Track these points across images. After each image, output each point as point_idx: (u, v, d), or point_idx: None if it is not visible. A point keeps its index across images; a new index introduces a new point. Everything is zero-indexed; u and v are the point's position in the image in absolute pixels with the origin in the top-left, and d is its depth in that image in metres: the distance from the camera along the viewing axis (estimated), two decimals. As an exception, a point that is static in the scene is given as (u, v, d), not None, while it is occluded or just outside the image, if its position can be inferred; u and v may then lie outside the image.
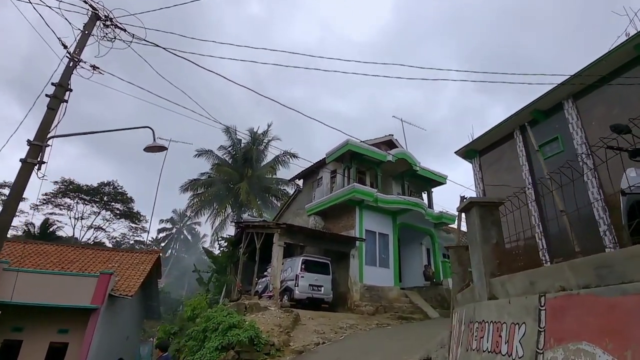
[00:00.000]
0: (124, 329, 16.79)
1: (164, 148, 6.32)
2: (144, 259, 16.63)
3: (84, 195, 48.09)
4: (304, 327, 11.39)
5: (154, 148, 6.30)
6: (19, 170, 5.52)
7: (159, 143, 6.29)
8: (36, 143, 5.68)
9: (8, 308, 11.83)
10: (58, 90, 6.03)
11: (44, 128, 5.84)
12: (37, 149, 5.69)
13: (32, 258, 14.73)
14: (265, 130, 34.98)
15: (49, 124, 5.89)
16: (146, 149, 6.17)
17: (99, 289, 12.56)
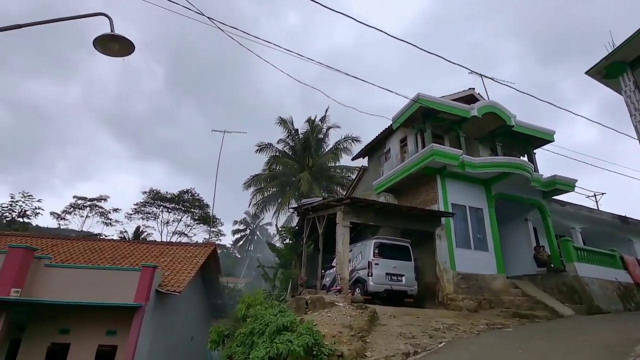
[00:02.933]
0: (186, 329, 15.44)
1: (123, 40, 3.89)
2: (198, 252, 15.11)
3: (167, 203, 52.00)
4: (384, 329, 8.31)
5: (110, 44, 3.91)
6: None
7: (116, 34, 3.86)
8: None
9: (52, 308, 10.85)
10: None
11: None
12: None
13: (86, 254, 14.04)
14: (323, 116, 32.65)
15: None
16: (97, 43, 3.79)
17: (142, 284, 11.02)
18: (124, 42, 3.99)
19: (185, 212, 53.07)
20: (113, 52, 4.00)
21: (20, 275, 10.13)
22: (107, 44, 3.91)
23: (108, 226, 52.90)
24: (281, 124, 31.51)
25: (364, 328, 7.88)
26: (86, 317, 11.15)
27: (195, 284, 15.75)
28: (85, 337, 11.06)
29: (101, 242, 15.79)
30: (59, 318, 11.10)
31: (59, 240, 15.25)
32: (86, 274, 11.24)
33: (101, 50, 3.90)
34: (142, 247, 15.26)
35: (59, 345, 10.83)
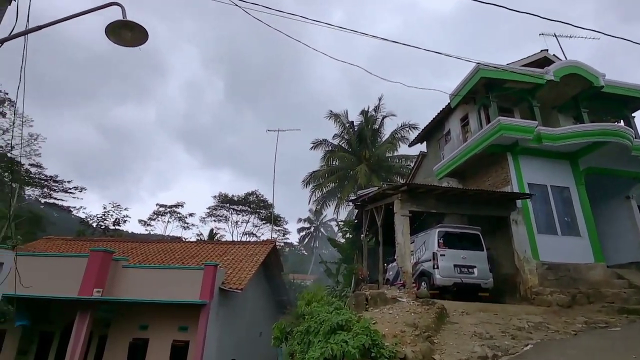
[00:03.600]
0: (254, 326, 15.78)
1: (136, 27, 3.68)
2: (258, 249, 15.33)
3: (235, 205, 55.53)
4: (455, 328, 7.36)
5: (123, 32, 3.73)
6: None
7: (128, 20, 3.66)
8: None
9: (131, 305, 11.69)
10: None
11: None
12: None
13: (160, 255, 15.05)
14: (377, 106, 31.52)
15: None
16: (110, 32, 3.63)
17: (206, 282, 11.36)
18: (137, 29, 3.80)
19: (251, 213, 56.19)
20: (127, 41, 3.84)
21: (101, 276, 11.09)
22: (119, 32, 3.75)
23: (186, 229, 57.83)
24: (332, 118, 31.05)
25: (430, 327, 7.03)
26: (161, 313, 11.84)
27: (258, 281, 16.04)
28: (161, 332, 11.76)
29: (172, 243, 16.91)
30: (138, 315, 11.96)
31: (137, 244, 16.66)
32: (157, 273, 11.96)
33: (114, 40, 3.76)
34: (207, 247, 15.98)
35: (140, 340, 11.68)
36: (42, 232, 41.50)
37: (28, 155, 36.13)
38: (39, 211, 46.00)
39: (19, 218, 39.25)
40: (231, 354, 13.08)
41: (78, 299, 10.77)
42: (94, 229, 41.76)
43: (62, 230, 41.96)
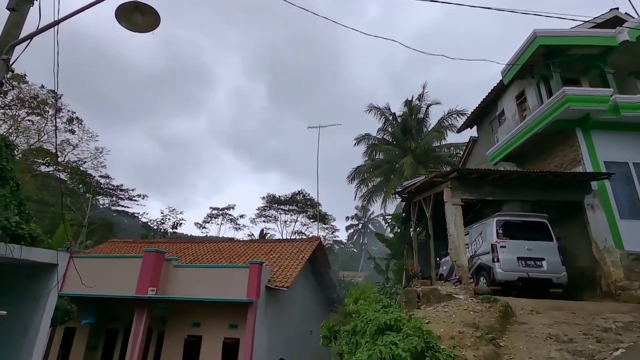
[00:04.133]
0: (304, 323, 15.61)
1: (147, 10, 3.45)
2: (303, 247, 15.11)
3: (283, 205, 56.90)
4: (525, 329, 6.41)
5: (134, 16, 3.52)
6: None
7: (139, 2, 3.45)
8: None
9: (184, 303, 12.03)
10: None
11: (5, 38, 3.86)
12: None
13: (209, 255, 15.45)
14: (421, 94, 30.00)
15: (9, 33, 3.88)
16: (120, 16, 3.44)
17: (252, 280, 11.34)
18: (149, 12, 3.59)
19: (299, 212, 57.13)
20: (138, 26, 3.65)
21: (155, 276, 11.55)
22: (130, 16, 3.56)
23: (238, 230, 60.19)
24: (372, 111, 30.09)
25: (494, 327, 6.18)
26: (212, 311, 12.08)
27: (306, 278, 15.85)
28: (213, 330, 11.99)
29: (221, 243, 17.34)
30: (191, 312, 12.31)
31: (189, 244, 17.33)
32: (206, 272, 12.22)
33: (126, 25, 3.59)
34: (254, 246, 16.13)
35: (194, 337, 12.01)
36: (113, 237, 45.56)
37: (95, 168, 39.70)
38: (111, 218, 50.58)
39: (93, 225, 43.37)
40: (281, 352, 12.99)
41: (134, 297, 11.29)
42: (155, 232, 44.82)
43: (130, 235, 45.77)
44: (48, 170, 41.59)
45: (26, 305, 6.68)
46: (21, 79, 31.78)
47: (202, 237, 58.16)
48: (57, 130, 24.54)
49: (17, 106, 32.32)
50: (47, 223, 29.76)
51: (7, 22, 3.95)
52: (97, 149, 39.23)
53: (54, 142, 35.95)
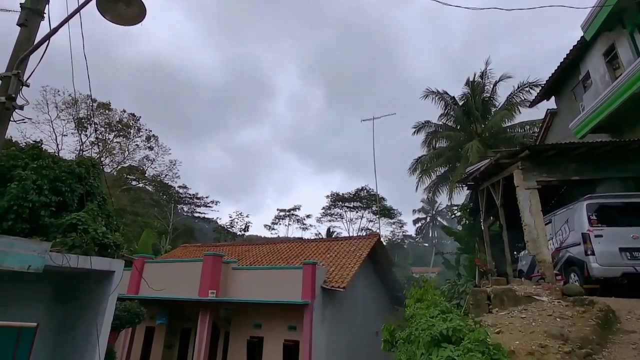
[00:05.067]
0: (367, 325, 14.89)
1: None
2: (361, 244, 14.39)
3: (347, 202, 56.89)
4: (634, 340, 4.97)
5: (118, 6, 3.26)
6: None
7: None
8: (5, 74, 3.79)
9: (245, 305, 12.17)
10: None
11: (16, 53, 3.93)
12: (6, 82, 3.77)
13: (268, 256, 15.57)
14: (484, 71, 27.12)
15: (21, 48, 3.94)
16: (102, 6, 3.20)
17: (306, 281, 11.00)
18: (133, 1, 3.31)
19: (364, 208, 56.52)
20: (123, 18, 3.40)
21: (214, 278, 11.87)
22: (114, 7, 3.32)
23: (305, 230, 61.55)
24: (430, 96, 28.00)
25: (589, 339, 4.88)
26: (272, 313, 12.05)
27: (367, 277, 15.13)
28: (273, 331, 11.94)
29: (279, 244, 17.44)
30: (252, 314, 12.43)
31: (250, 246, 17.75)
32: (262, 274, 12.23)
33: (110, 17, 3.36)
34: (310, 245, 15.88)
35: (255, 338, 12.10)
36: (195, 241, 49.70)
37: (171, 179, 43.65)
38: (191, 224, 55.44)
39: (177, 231, 47.82)
40: (344, 355, 12.46)
41: (196, 299, 11.71)
42: (226, 236, 47.78)
43: (208, 239, 49.57)
44: (137, 184, 46.95)
45: (90, 311, 7.11)
46: (106, 106, 36.16)
47: (272, 237, 60.62)
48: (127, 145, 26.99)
49: (106, 131, 36.84)
50: (138, 231, 33.27)
51: (18, 37, 4.00)
52: (171, 161, 43.19)
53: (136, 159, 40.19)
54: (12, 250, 5.07)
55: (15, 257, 5.09)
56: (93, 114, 35.32)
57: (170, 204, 48.05)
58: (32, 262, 5.25)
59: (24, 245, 5.24)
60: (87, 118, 34.49)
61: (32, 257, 5.28)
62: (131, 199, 45.00)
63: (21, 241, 5.27)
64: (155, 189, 48.44)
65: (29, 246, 5.30)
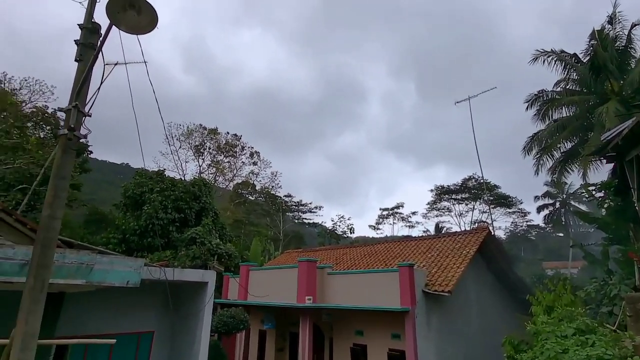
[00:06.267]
0: (489, 334, 12.88)
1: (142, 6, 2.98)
2: (467, 240, 12.52)
3: (454, 194, 52.95)
4: None
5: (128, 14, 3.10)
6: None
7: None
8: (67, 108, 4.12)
9: (344, 311, 11.76)
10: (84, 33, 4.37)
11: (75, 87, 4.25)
12: (68, 114, 4.08)
13: (365, 259, 14.89)
14: (612, 15, 21.60)
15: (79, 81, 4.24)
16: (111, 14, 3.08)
17: (404, 286, 9.95)
18: (144, 8, 3.16)
19: (474, 199, 51.40)
20: (134, 27, 3.26)
21: (310, 284, 11.78)
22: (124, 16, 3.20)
23: (411, 228, 59.15)
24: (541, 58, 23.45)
25: None
26: (373, 319, 11.35)
27: (480, 277, 13.13)
28: (376, 339, 11.20)
29: (376, 245, 16.58)
30: (353, 320, 11.93)
31: (347, 249, 17.38)
32: (357, 278, 11.64)
33: (122, 27, 3.25)
34: (410, 245, 14.60)
35: (358, 346, 11.53)
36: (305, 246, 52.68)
37: (274, 189, 47.06)
38: (300, 230, 58.96)
39: (287, 237, 51.34)
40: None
41: (293, 306, 11.78)
42: (330, 239, 48.99)
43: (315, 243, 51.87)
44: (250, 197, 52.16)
45: (192, 318, 7.60)
46: (214, 132, 41.03)
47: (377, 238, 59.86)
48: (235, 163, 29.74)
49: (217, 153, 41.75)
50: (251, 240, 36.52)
51: (76, 72, 4.30)
52: (273, 173, 46.57)
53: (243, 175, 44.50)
54: (113, 268, 5.59)
55: (116, 274, 5.60)
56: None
57: (279, 212, 51.80)
58: (130, 277, 5.73)
59: (122, 262, 5.75)
60: (201, 144, 39.73)
61: (129, 273, 5.76)
62: (246, 211, 50.10)
63: (120, 259, 5.80)
64: (265, 200, 52.92)
65: (127, 263, 5.80)
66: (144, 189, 19.12)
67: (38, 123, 23.83)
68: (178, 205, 19.62)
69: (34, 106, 23.96)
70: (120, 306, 7.38)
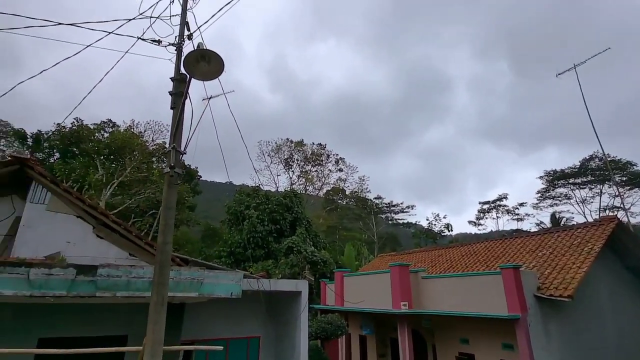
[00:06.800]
0: (630, 345, 10.70)
1: (213, 57, 3.41)
2: (589, 235, 10.58)
3: (572, 179, 46.02)
4: None
5: (200, 64, 3.52)
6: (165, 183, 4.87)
7: (206, 49, 3.45)
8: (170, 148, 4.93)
9: (445, 317, 11.13)
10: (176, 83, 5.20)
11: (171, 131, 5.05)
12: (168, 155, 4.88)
13: (463, 260, 13.78)
14: None
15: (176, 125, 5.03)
16: (187, 64, 3.53)
17: (509, 290, 8.90)
18: (214, 59, 3.60)
19: (600, 181, 43.79)
20: (205, 74, 3.70)
21: (404, 290, 11.41)
22: (197, 66, 3.68)
23: (520, 221, 52.84)
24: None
25: None
26: (479, 327, 10.45)
27: (615, 278, 11.01)
28: (484, 349, 10.26)
29: (474, 244, 15.16)
30: (456, 327, 11.16)
31: (444, 250, 16.35)
32: (454, 282, 10.85)
33: (197, 76, 3.72)
34: (515, 243, 12.99)
35: (465, 355, 10.70)
36: (401, 248, 51.62)
37: (362, 193, 47.19)
38: (393, 231, 57.94)
39: (381, 240, 50.97)
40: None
41: (389, 312, 11.55)
42: (426, 239, 46.77)
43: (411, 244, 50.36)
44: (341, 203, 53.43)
45: (290, 327, 8.12)
46: (300, 144, 43.22)
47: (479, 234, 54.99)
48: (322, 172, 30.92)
49: (305, 163, 43.87)
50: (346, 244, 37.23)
51: (172, 119, 5.08)
52: (360, 177, 46.87)
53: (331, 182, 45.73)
54: (219, 281, 6.36)
55: (222, 287, 6.35)
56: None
57: (370, 215, 51.70)
58: (232, 289, 6.42)
59: (226, 276, 6.49)
60: (290, 157, 42.26)
61: (232, 285, 6.47)
62: (339, 216, 51.33)
63: (223, 273, 6.55)
64: (356, 204, 53.48)
65: (229, 277, 6.52)
66: (243, 207, 21.25)
67: (160, 157, 28.53)
68: (273, 218, 21.21)
69: (156, 143, 28.82)
70: (231, 313, 8.30)
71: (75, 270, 4.95)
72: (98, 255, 6.95)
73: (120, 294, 5.11)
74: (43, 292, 4.80)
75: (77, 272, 4.95)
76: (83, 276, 4.98)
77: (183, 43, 4.96)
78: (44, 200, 6.75)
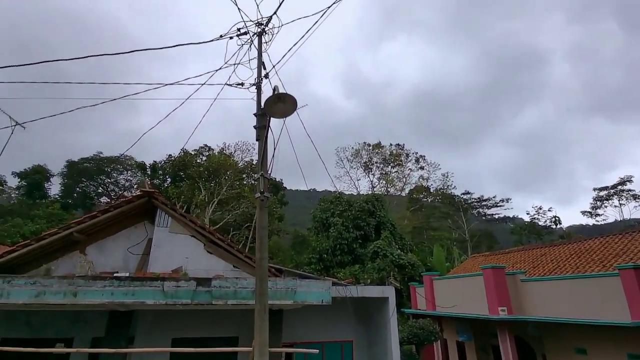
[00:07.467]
0: None
1: (287, 99, 3.92)
2: None
3: None
4: None
5: (277, 106, 4.02)
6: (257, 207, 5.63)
7: (282, 93, 3.98)
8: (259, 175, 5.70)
9: (553, 324, 10.10)
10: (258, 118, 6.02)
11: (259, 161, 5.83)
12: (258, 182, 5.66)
13: (572, 260, 12.16)
14: None
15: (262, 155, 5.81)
16: (267, 106, 4.07)
17: (631, 294, 7.69)
18: (288, 100, 4.14)
19: None
20: (282, 113, 4.22)
21: (501, 294, 10.62)
22: (274, 107, 4.23)
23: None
24: None
25: None
26: (597, 335, 9.23)
27: None
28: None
29: (586, 241, 13.20)
30: (570, 335, 10.00)
31: (548, 249, 14.65)
32: (559, 285, 9.72)
33: (277, 116, 4.27)
34: (638, 238, 11.03)
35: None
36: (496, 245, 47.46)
37: (447, 190, 44.63)
38: (487, 227, 53.50)
39: (474, 238, 47.53)
40: None
41: (486, 318, 10.86)
42: (529, 236, 41.99)
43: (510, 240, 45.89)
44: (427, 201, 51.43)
45: (381, 332, 8.34)
46: (378, 146, 42.98)
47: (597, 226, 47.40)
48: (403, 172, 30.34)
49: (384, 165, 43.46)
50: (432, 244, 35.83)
51: (257, 149, 5.83)
52: (444, 174, 44.46)
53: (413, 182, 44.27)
54: (310, 290, 6.95)
55: (313, 295, 6.92)
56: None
57: (459, 211, 48.54)
58: (323, 297, 6.95)
59: (316, 285, 7.05)
60: (369, 160, 42.30)
61: (322, 293, 7.00)
62: (424, 216, 49.33)
63: (314, 282, 7.13)
64: (442, 202, 50.85)
65: (319, 285, 7.07)
66: (328, 214, 22.12)
67: (249, 174, 31.43)
68: (357, 224, 21.61)
69: (245, 161, 31.86)
70: (324, 318, 8.86)
71: (196, 282, 6.00)
72: (209, 268, 8.19)
73: (230, 302, 6.00)
74: (174, 300, 5.92)
75: (197, 284, 5.99)
76: (201, 287, 6.00)
77: (261, 82, 5.71)
78: (167, 223, 8.21)
